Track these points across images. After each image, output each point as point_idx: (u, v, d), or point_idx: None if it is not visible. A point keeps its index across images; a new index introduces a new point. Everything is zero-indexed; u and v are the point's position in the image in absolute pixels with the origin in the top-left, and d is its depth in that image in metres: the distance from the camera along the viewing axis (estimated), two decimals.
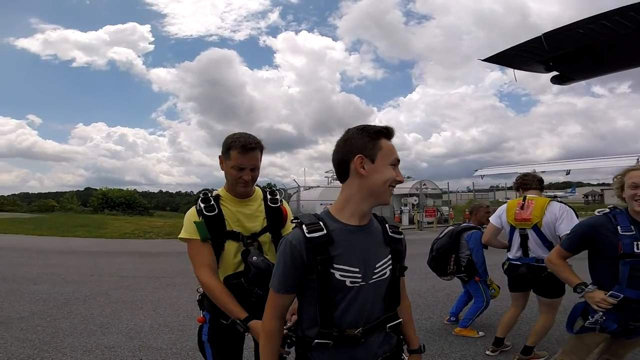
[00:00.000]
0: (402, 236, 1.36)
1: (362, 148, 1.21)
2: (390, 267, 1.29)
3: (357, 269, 1.21)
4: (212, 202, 1.74)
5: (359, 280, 1.21)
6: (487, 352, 3.48)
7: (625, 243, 1.90)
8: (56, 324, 4.43)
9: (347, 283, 1.20)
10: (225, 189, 1.83)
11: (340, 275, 1.19)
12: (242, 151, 1.68)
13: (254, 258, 1.69)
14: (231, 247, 1.76)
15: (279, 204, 1.91)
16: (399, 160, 1.25)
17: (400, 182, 1.25)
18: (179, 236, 1.77)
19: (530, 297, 3.37)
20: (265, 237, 1.84)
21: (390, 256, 1.30)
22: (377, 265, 1.25)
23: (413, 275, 6.94)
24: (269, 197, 1.91)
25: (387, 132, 1.24)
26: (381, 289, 1.28)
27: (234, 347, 1.85)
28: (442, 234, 4.24)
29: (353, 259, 1.21)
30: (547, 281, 2.98)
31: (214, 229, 1.73)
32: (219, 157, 1.80)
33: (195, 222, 1.70)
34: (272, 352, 1.27)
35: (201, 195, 1.79)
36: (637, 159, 12.01)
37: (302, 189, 20.38)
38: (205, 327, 1.82)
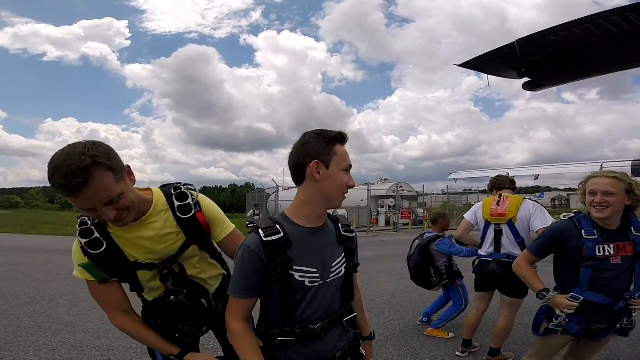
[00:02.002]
0: (353, 234, 1.41)
1: (318, 153, 1.23)
2: (345, 265, 1.35)
3: (315, 269, 1.26)
4: (96, 235, 1.32)
5: (318, 279, 1.26)
6: (457, 353, 3.56)
7: (589, 247, 1.96)
8: (19, 323, 4.23)
9: (307, 283, 1.25)
10: None
11: (300, 276, 1.23)
12: (67, 195, 1.16)
13: (172, 297, 1.40)
14: (145, 275, 1.45)
15: (192, 212, 1.44)
16: (351, 166, 1.28)
17: (352, 187, 1.28)
18: (74, 274, 1.41)
19: (494, 299, 3.46)
20: (192, 251, 1.49)
21: (344, 254, 1.35)
22: (333, 265, 1.31)
23: (387, 277, 7.04)
24: (176, 204, 1.43)
25: (341, 138, 1.26)
26: (337, 287, 1.34)
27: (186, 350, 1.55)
28: (413, 251, 4.23)
29: (311, 260, 1.26)
30: (515, 279, 3.08)
31: (111, 267, 1.36)
32: None
33: (81, 266, 1.34)
34: (251, 349, 1.25)
35: (78, 226, 1.33)
36: (601, 165, 12.63)
37: (280, 189, 20.28)
38: None
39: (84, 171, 1.11)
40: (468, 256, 3.71)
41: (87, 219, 1.33)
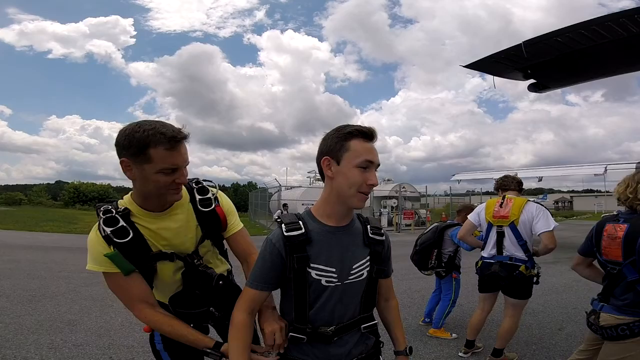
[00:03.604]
0: (383, 237, 1.34)
1: (329, 150, 1.20)
2: (368, 268, 1.29)
3: (333, 269, 1.22)
4: (122, 223, 1.30)
5: (335, 280, 1.22)
6: (460, 354, 3.55)
7: None
8: (20, 321, 4.22)
9: (323, 282, 1.21)
10: (134, 199, 1.37)
11: (316, 274, 1.21)
12: (171, 146, 1.23)
13: (221, 282, 1.43)
14: (166, 268, 1.43)
15: (212, 205, 1.48)
16: (371, 162, 1.18)
17: (372, 185, 1.19)
18: (88, 267, 1.34)
19: (498, 299, 3.44)
20: (206, 245, 1.52)
21: (368, 257, 1.29)
22: (353, 266, 1.25)
23: None
24: (198, 197, 1.46)
25: (359, 133, 1.19)
26: (357, 290, 1.29)
27: (191, 350, 1.46)
28: (428, 230, 4.35)
29: (330, 259, 1.22)
30: (518, 281, 3.06)
31: (135, 257, 1.33)
32: (124, 161, 1.27)
33: (107, 256, 1.29)
34: (242, 343, 1.23)
35: (101, 213, 1.31)
36: (605, 168, 12.55)
37: (283, 188, 20.26)
38: (156, 334, 1.57)
39: (182, 130, 1.27)
40: (469, 250, 3.88)
41: (110, 207, 1.33)
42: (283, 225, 1.22)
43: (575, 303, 5.21)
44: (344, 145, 1.18)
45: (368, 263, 1.29)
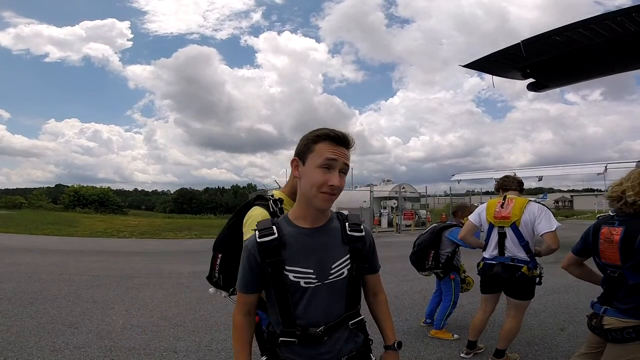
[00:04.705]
0: (362, 234, 1.32)
1: (298, 152, 1.25)
2: (348, 266, 1.28)
3: (310, 270, 1.23)
4: (280, 205, 1.69)
5: (314, 280, 1.23)
6: (462, 355, 3.54)
7: None
8: (22, 324, 4.23)
9: (302, 284, 1.22)
10: (287, 193, 1.76)
11: (294, 277, 1.22)
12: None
13: None
14: None
15: None
16: (334, 160, 1.18)
17: (333, 186, 1.17)
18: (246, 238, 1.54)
19: (500, 300, 3.43)
20: None
21: (348, 255, 1.29)
22: (333, 266, 1.25)
23: (391, 277, 7.00)
24: None
25: (328, 138, 1.20)
26: (340, 288, 1.28)
27: None
28: (426, 230, 4.37)
29: (306, 261, 1.23)
30: (520, 282, 3.05)
31: None
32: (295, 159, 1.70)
33: None
34: (241, 343, 1.31)
35: (270, 196, 1.73)
36: (605, 167, 12.55)
37: None
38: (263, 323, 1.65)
39: None
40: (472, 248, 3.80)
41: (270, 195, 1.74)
42: (256, 231, 1.25)
43: (577, 303, 5.21)
44: (311, 147, 1.21)
45: (348, 261, 1.28)
